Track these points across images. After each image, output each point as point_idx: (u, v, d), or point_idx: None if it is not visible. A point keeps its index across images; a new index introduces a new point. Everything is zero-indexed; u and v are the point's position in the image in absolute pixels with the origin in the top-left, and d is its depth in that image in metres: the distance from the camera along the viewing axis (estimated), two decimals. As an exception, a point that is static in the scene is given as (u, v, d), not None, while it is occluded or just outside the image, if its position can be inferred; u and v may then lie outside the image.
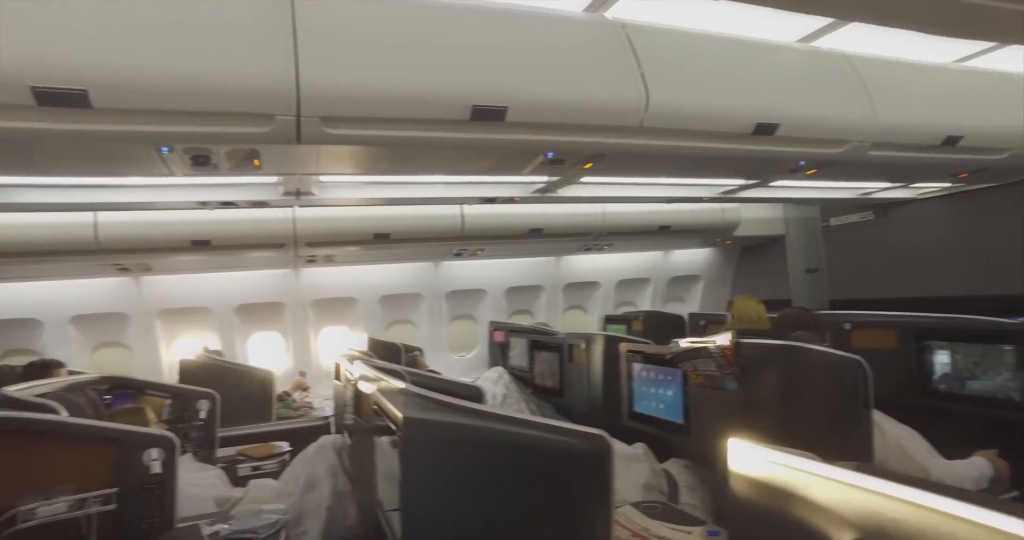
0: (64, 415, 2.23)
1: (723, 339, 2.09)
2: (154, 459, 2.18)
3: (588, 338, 3.32)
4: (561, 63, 2.29)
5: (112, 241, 4.02)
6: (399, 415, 1.53)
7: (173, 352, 5.26)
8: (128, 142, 2.06)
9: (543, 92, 2.24)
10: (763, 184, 3.77)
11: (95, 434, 2.17)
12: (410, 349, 4.18)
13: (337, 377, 3.55)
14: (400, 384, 1.81)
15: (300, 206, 3.93)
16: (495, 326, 5.12)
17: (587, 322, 6.38)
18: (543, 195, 3.39)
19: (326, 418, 4.27)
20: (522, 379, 4.39)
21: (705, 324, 4.52)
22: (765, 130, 2.61)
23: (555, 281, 6.08)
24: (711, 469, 2.29)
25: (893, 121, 2.96)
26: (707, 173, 3.58)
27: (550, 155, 2.60)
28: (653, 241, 5.81)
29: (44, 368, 3.87)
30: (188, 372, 4.17)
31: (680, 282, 6.67)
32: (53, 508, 1.99)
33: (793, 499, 1.11)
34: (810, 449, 1.15)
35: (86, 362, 5.04)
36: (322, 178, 2.90)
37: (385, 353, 3.73)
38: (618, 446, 2.42)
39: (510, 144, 2.38)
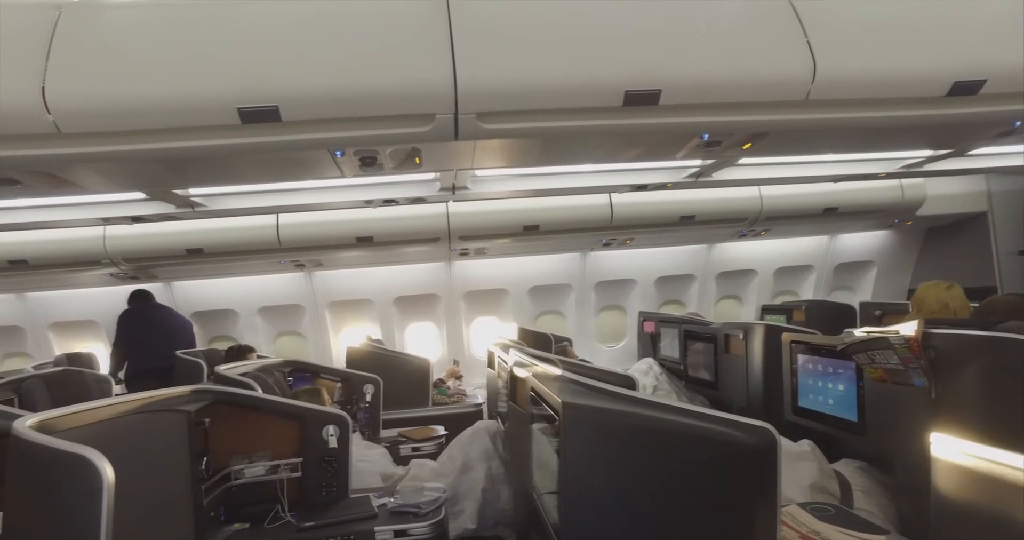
0: (259, 392, 2.53)
1: (908, 329, 1.86)
2: (331, 434, 2.40)
3: (746, 328, 3.14)
4: (717, 39, 2.16)
5: (291, 240, 4.47)
6: (558, 400, 1.55)
7: (340, 340, 5.77)
8: (309, 149, 2.27)
9: (698, 71, 2.14)
10: (959, 154, 3.30)
11: (285, 410, 2.44)
12: (559, 339, 4.22)
13: (490, 365, 3.67)
14: (556, 371, 1.82)
15: (454, 201, 4.09)
16: (645, 316, 5.01)
17: (742, 313, 6.05)
18: (696, 180, 3.24)
19: (479, 405, 4.45)
20: (673, 370, 4.27)
21: (881, 314, 4.09)
22: (965, 89, 2.24)
23: (707, 270, 5.79)
24: (891, 473, 2.08)
25: None
26: (885, 146, 3.21)
27: (705, 137, 2.48)
28: (817, 225, 5.31)
29: (240, 352, 4.44)
30: (354, 358, 4.53)
31: (849, 269, 6.04)
32: (255, 470, 2.29)
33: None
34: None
35: (270, 348, 5.70)
36: (477, 172, 3.00)
37: (535, 343, 3.79)
38: (782, 442, 2.27)
39: (663, 128, 2.30)
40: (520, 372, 2.21)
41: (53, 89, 1.98)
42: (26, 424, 1.32)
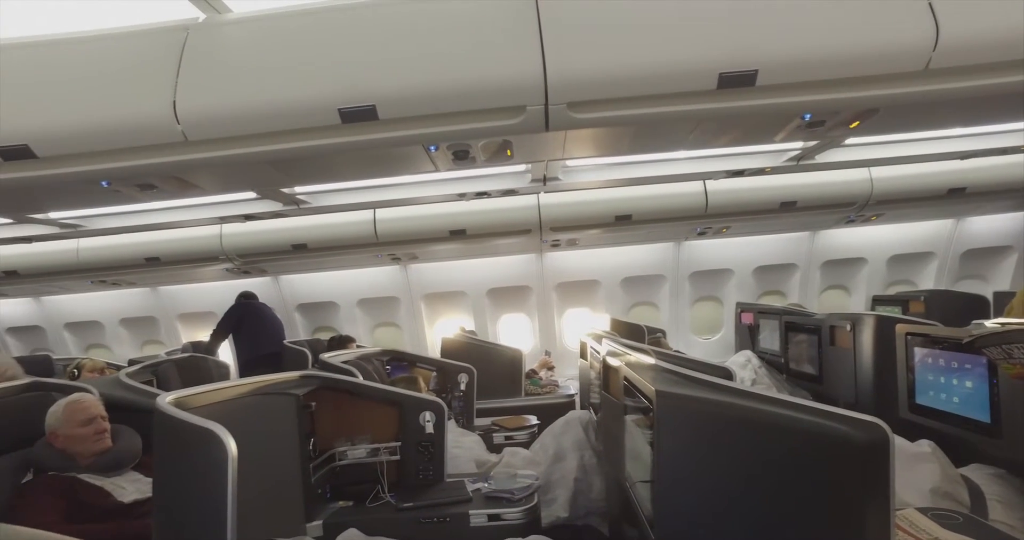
0: (360, 379, 2.65)
1: (1055, 321, 1.66)
2: (427, 420, 2.48)
3: (855, 319, 2.93)
4: (819, 11, 2.02)
5: (387, 234, 4.64)
6: (651, 389, 1.52)
7: (435, 331, 5.94)
8: (404, 145, 2.35)
9: (798, 48, 2.01)
10: None
11: (384, 396, 2.55)
12: (652, 331, 4.14)
13: (583, 356, 3.66)
14: (649, 360, 1.79)
15: (545, 192, 4.09)
16: (742, 307, 4.80)
17: (849, 304, 5.64)
18: (798, 163, 3.05)
19: (571, 396, 4.44)
20: (773, 364, 4.07)
21: (1024, 305, 3.70)
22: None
23: (810, 258, 5.45)
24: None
25: None
26: (1021, 115, 2.84)
27: (807, 117, 2.33)
28: (940, 208, 4.79)
29: (341, 342, 4.68)
30: (449, 349, 4.64)
31: (980, 256, 5.44)
32: (357, 453, 2.41)
33: None
34: None
35: (368, 338, 5.97)
36: (567, 163, 2.99)
37: (628, 334, 3.74)
38: (899, 442, 2.11)
39: (761, 110, 2.19)
40: (613, 361, 2.18)
41: (182, 102, 2.22)
42: (166, 400, 1.50)
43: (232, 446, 1.31)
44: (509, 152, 2.48)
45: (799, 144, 2.82)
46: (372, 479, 2.41)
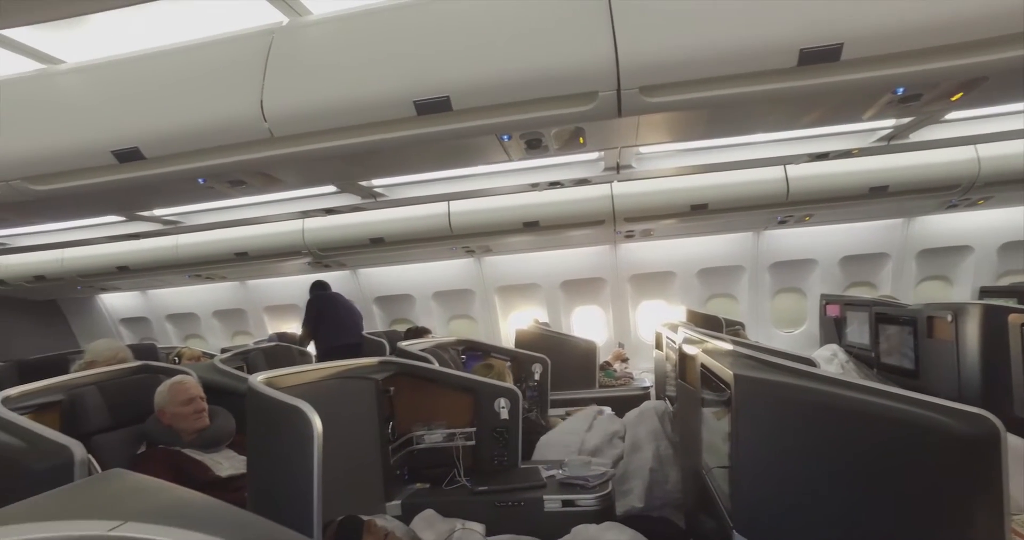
0: (436, 366, 2.71)
1: None
2: (502, 407, 2.51)
3: (957, 308, 2.71)
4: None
5: (461, 227, 4.71)
6: (729, 373, 1.48)
7: (509, 323, 5.98)
8: (477, 135, 2.38)
9: (888, 15, 1.87)
10: None
11: (460, 383, 2.60)
12: (731, 323, 4.01)
13: (658, 347, 3.60)
14: (728, 347, 1.74)
15: (619, 181, 4.03)
16: (828, 299, 4.55)
17: (952, 296, 5.17)
18: (889, 143, 2.85)
19: (646, 388, 4.38)
20: (862, 358, 3.85)
21: None
22: None
23: (905, 247, 5.06)
24: None
25: None
26: None
27: (900, 92, 2.17)
28: None
29: (417, 333, 4.81)
30: (523, 340, 4.68)
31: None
32: (434, 437, 2.48)
33: None
34: None
35: (443, 330, 6.09)
36: (641, 150, 2.94)
37: (705, 326, 3.63)
38: (1012, 439, 1.95)
39: (846, 86, 2.05)
40: (689, 349, 2.14)
41: (269, 101, 2.35)
42: (258, 379, 1.64)
43: (317, 422, 1.39)
44: (582, 139, 2.46)
45: (891, 122, 2.64)
46: (448, 463, 2.47)
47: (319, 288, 5.40)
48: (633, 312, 5.74)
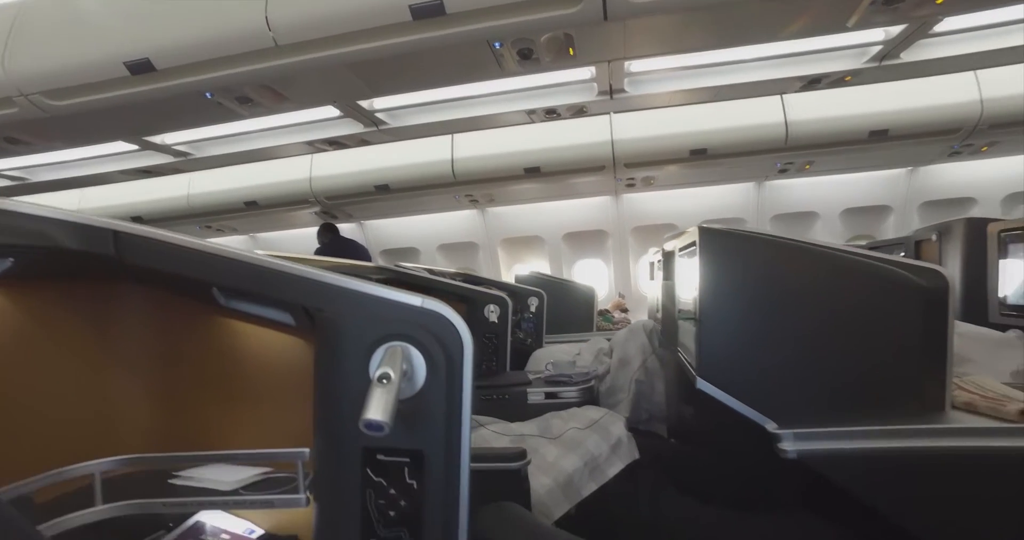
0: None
1: None
2: (491, 311, 2.59)
3: (942, 228, 2.73)
4: None
5: (464, 173, 4.77)
6: (695, 229, 1.55)
7: (511, 277, 6.05)
8: (470, 41, 2.43)
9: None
10: None
11: (451, 290, 2.70)
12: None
13: (652, 277, 3.67)
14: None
15: (616, 113, 4.05)
16: (827, 247, 4.57)
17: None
18: (881, 64, 2.83)
19: (643, 333, 4.43)
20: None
21: None
22: None
23: (908, 199, 5.00)
24: None
25: None
26: None
27: (882, -12, 2.16)
28: None
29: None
30: (522, 283, 4.73)
31: None
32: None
33: None
34: None
35: (449, 285, 6.16)
36: (632, 68, 2.98)
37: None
38: (982, 330, 2.03)
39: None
40: (670, 245, 2.21)
41: (273, 9, 2.44)
42: None
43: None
44: (571, 51, 2.51)
45: (880, 36, 2.64)
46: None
47: (329, 231, 5.46)
48: (635, 265, 5.79)
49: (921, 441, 1.23)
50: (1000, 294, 2.27)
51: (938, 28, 2.60)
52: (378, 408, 0.62)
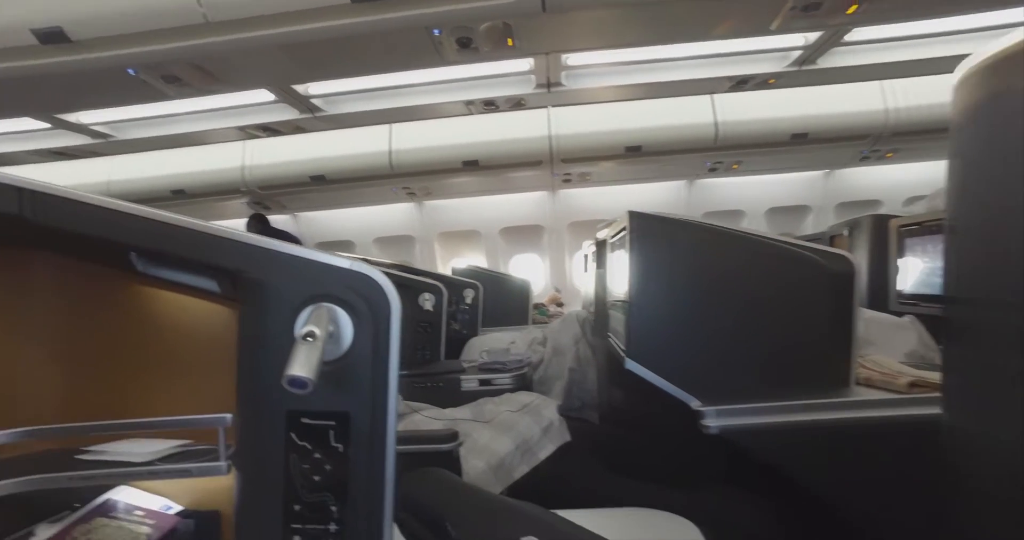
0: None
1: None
2: (426, 299, 2.58)
3: (853, 224, 2.92)
4: None
5: (402, 165, 4.70)
6: (624, 213, 1.60)
7: (448, 271, 6.03)
8: (411, 28, 2.41)
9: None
10: None
11: (386, 276, 2.66)
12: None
13: (586, 270, 3.74)
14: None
15: (553, 107, 4.10)
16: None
17: (863, 249, 5.54)
18: (801, 68, 3.01)
19: (577, 327, 4.51)
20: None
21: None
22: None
23: (824, 199, 5.34)
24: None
25: None
26: None
27: (799, -6, 2.28)
28: None
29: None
30: (458, 273, 4.73)
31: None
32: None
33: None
34: None
35: (385, 278, 6.09)
36: (570, 63, 3.03)
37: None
38: (882, 316, 2.19)
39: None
40: (602, 233, 2.26)
41: None
42: None
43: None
44: (510, 41, 2.53)
45: (800, 43, 2.80)
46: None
47: (259, 222, 5.28)
48: (570, 260, 5.87)
49: (829, 414, 1.31)
50: (898, 287, 2.44)
51: (851, 37, 2.76)
52: (302, 364, 0.61)
